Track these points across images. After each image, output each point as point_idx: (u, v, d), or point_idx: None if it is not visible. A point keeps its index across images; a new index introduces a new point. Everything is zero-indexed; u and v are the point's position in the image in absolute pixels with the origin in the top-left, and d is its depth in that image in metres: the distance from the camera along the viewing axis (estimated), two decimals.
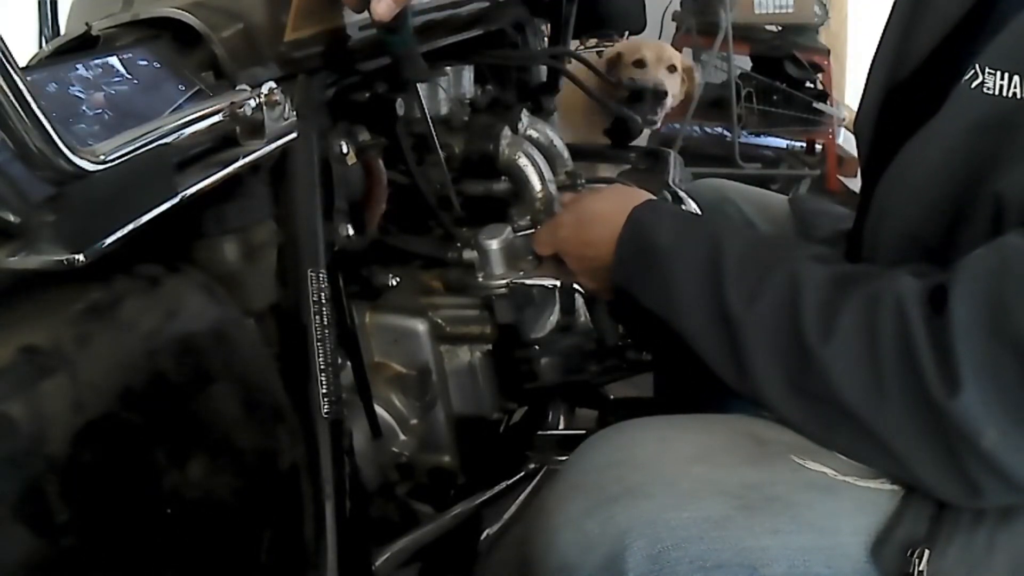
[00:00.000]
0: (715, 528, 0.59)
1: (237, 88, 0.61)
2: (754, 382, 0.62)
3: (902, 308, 0.55)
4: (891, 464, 0.58)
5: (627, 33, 1.89)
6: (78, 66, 0.58)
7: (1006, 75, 0.55)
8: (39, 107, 0.40)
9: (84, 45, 0.65)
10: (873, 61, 0.78)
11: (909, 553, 0.56)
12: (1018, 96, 0.55)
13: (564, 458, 1.05)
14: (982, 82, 0.57)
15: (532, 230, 0.91)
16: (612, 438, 0.69)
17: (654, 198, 0.79)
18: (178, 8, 0.64)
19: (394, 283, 0.90)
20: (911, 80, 0.71)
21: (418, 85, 0.89)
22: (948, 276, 0.54)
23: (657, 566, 0.58)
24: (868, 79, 0.78)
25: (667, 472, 0.62)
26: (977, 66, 0.57)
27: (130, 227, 0.49)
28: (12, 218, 0.46)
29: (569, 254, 0.84)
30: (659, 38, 3.08)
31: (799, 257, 0.64)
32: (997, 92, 0.56)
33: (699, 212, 1.00)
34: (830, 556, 0.58)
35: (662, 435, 0.67)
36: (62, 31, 0.92)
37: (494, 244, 0.87)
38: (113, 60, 0.60)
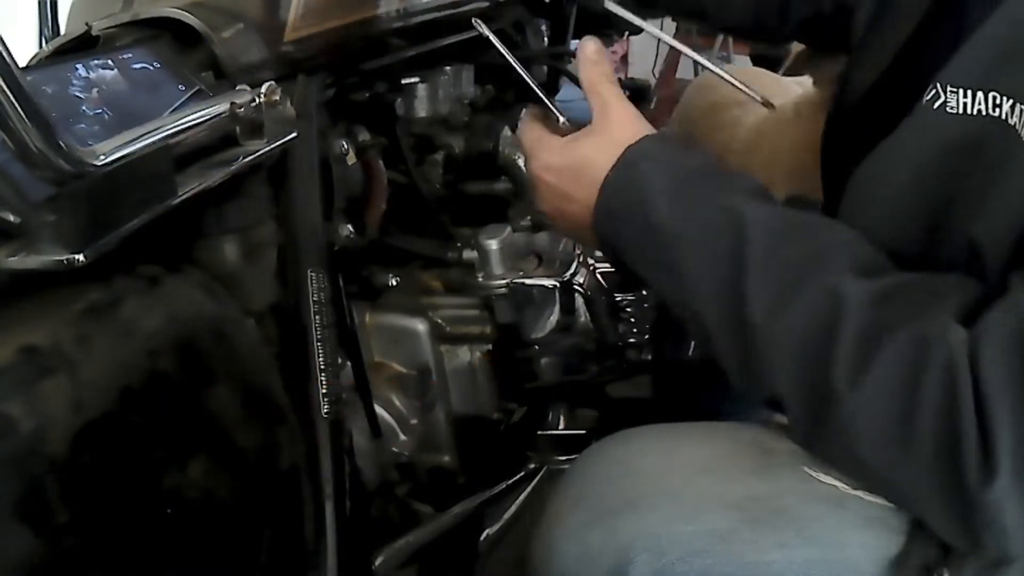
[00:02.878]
0: (720, 541, 0.57)
1: (237, 88, 0.61)
2: (769, 393, 0.58)
3: (953, 374, 0.48)
4: (900, 502, 0.56)
5: (627, 33, 1.89)
6: (78, 66, 0.58)
7: (969, 92, 0.53)
8: (39, 107, 0.40)
9: (84, 45, 0.65)
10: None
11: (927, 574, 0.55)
12: (983, 113, 0.52)
13: (564, 458, 1.06)
14: (944, 102, 0.54)
15: (532, 230, 0.92)
16: (615, 448, 0.67)
17: (654, 133, 0.67)
18: (178, 8, 0.64)
19: (394, 283, 0.90)
20: (862, 102, 0.68)
21: (419, 85, 0.89)
22: (974, 338, 0.48)
23: None
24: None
25: (671, 484, 0.61)
26: (938, 85, 0.54)
27: (130, 227, 0.49)
28: (12, 218, 0.46)
29: (549, 209, 0.72)
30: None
31: (839, 266, 0.55)
32: (961, 111, 0.53)
33: None
34: (836, 571, 0.57)
35: (666, 445, 0.65)
36: (62, 31, 0.92)
37: (494, 244, 0.87)
38: (113, 60, 0.60)
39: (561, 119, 0.73)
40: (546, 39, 1.20)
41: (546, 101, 0.74)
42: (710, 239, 0.58)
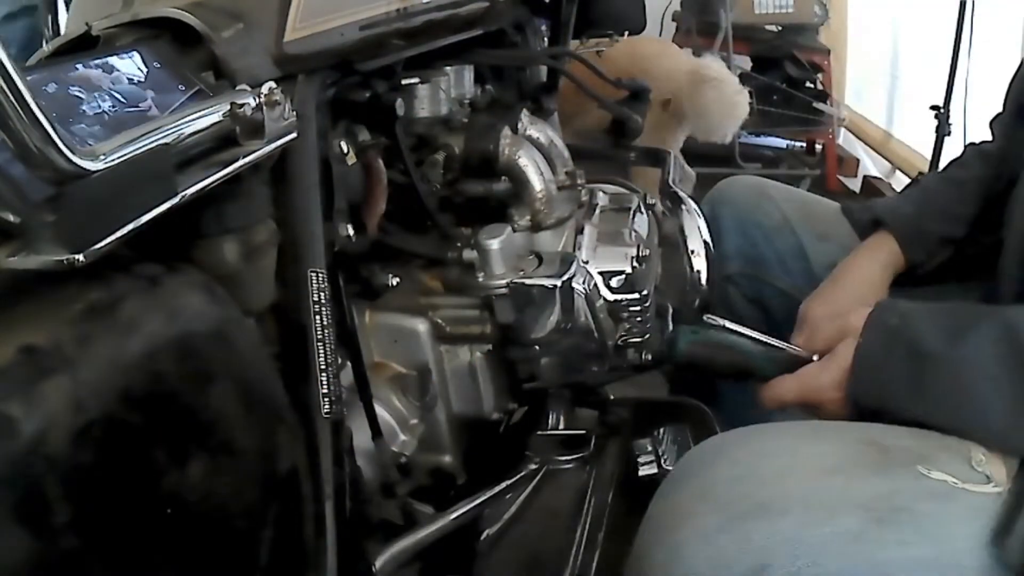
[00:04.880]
0: (852, 543, 0.58)
1: (237, 88, 0.61)
2: None
3: None
4: None
5: (627, 33, 1.89)
6: (78, 66, 0.58)
7: None
8: (39, 107, 0.40)
9: (84, 45, 0.65)
10: None
11: None
12: None
13: (564, 458, 1.06)
14: None
15: (532, 230, 0.91)
16: (732, 450, 0.67)
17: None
18: (178, 8, 0.64)
19: (394, 283, 0.90)
20: None
21: (419, 85, 0.89)
22: None
23: None
24: None
25: (798, 486, 0.61)
26: None
27: (130, 227, 0.49)
28: (12, 218, 0.46)
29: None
30: (659, 38, 3.09)
31: None
32: None
33: (699, 212, 0.99)
34: (944, 567, 0.58)
35: (785, 445, 0.65)
36: (62, 31, 0.92)
37: (494, 244, 0.87)
38: (113, 60, 0.60)
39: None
40: (546, 39, 1.20)
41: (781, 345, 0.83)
42: (987, 357, 0.63)
